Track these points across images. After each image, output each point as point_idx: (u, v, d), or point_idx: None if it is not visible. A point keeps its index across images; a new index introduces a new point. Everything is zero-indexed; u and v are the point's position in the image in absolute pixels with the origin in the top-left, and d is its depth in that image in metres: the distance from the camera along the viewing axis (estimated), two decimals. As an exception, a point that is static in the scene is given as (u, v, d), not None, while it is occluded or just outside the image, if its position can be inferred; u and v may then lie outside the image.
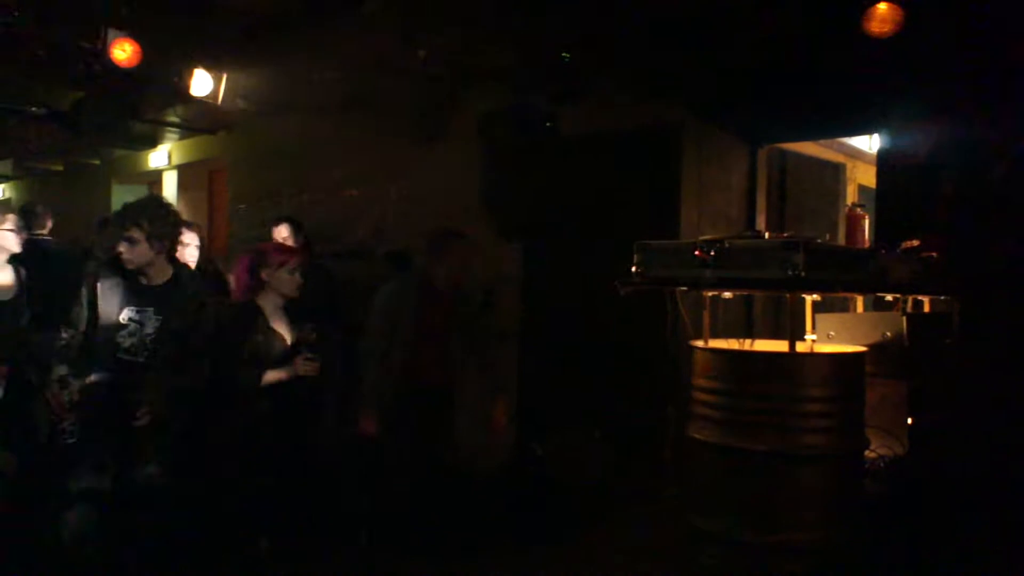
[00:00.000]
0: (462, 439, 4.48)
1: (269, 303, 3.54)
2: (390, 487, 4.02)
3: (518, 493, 4.12)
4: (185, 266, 3.89)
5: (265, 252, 3.62)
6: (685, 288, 3.04)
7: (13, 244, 3.99)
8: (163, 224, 3.41)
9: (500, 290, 5.83)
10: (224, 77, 5.78)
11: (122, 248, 3.37)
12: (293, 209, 7.26)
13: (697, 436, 3.00)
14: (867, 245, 3.45)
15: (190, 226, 4.29)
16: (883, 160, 4.70)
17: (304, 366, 3.47)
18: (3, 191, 12.98)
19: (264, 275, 3.52)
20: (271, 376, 3.43)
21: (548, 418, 5.19)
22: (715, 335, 3.23)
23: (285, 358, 3.49)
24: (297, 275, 3.56)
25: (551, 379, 5.39)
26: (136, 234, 3.35)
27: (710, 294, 3.19)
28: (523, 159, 5.09)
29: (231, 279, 3.99)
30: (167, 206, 3.57)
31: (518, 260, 5.75)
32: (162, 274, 3.45)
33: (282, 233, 5.18)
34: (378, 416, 3.88)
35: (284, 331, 3.56)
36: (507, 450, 5.01)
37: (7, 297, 3.97)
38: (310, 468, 3.72)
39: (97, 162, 10.37)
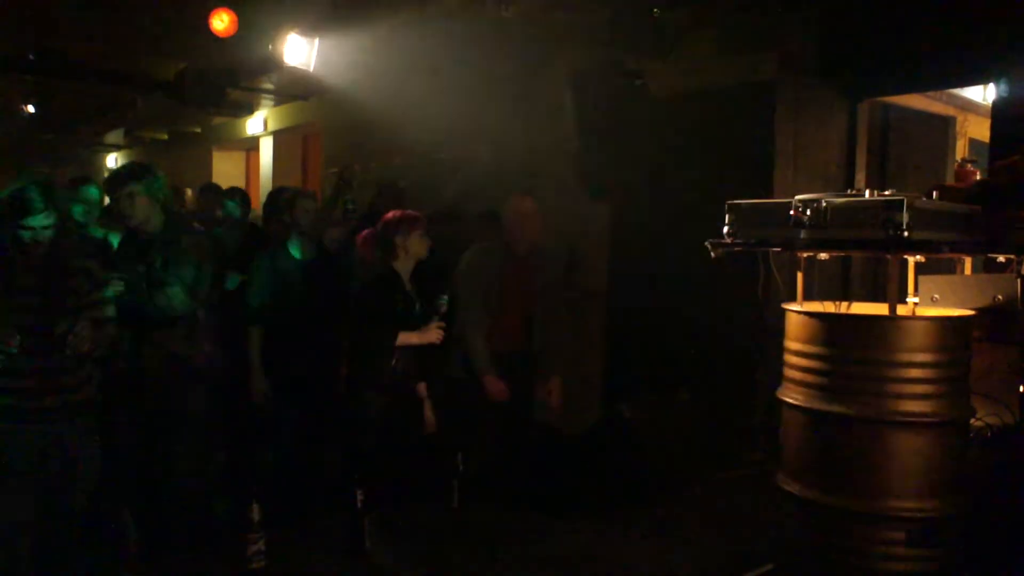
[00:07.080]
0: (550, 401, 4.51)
1: (403, 268, 3.76)
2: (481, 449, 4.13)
3: (604, 455, 4.13)
4: None
5: (398, 220, 3.78)
6: (779, 249, 2.95)
7: None
8: None
9: (588, 250, 5.80)
10: (316, 43, 5.89)
11: None
12: (383, 173, 7.38)
13: (790, 400, 2.92)
14: (978, 203, 3.24)
15: (307, 195, 4.59)
16: (999, 112, 4.42)
17: (437, 333, 3.70)
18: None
19: (399, 242, 3.72)
20: (404, 338, 3.64)
21: (635, 379, 5.16)
22: (809, 297, 3.13)
23: (417, 322, 3.72)
24: (426, 238, 3.82)
25: (639, 339, 5.35)
26: None
27: (805, 255, 3.09)
28: (613, 118, 5.01)
29: (360, 252, 4.40)
30: None
31: (606, 220, 5.70)
32: None
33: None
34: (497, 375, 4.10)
35: (416, 296, 3.80)
36: (594, 411, 5.02)
37: None
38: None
39: (198, 130, 10.80)
